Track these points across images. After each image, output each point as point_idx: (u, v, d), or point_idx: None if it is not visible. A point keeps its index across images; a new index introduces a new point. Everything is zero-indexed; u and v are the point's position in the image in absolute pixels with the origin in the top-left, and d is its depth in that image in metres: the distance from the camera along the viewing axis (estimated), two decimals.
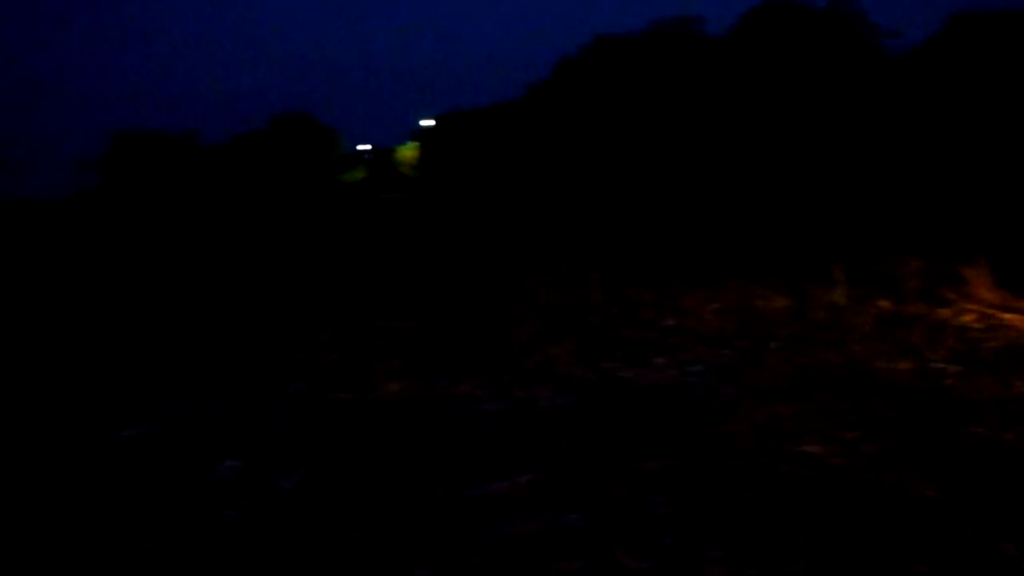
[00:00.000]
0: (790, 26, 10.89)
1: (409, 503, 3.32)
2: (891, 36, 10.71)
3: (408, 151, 36.26)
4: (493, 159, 18.14)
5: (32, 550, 3.01)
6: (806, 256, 8.25)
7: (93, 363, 5.81)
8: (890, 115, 9.22)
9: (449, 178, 22.92)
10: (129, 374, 5.51)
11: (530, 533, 3.06)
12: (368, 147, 44.44)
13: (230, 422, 4.42)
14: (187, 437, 4.20)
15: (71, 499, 3.46)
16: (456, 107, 24.99)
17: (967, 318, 6.49)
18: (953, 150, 8.48)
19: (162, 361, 5.84)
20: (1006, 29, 8.77)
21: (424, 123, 32.08)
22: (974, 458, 3.65)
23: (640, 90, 12.11)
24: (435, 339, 6.31)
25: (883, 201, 8.73)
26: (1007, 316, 6.50)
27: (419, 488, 3.44)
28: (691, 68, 11.82)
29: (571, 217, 12.76)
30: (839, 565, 2.78)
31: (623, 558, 2.86)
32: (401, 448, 3.94)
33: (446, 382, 5.13)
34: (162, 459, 3.91)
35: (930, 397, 4.50)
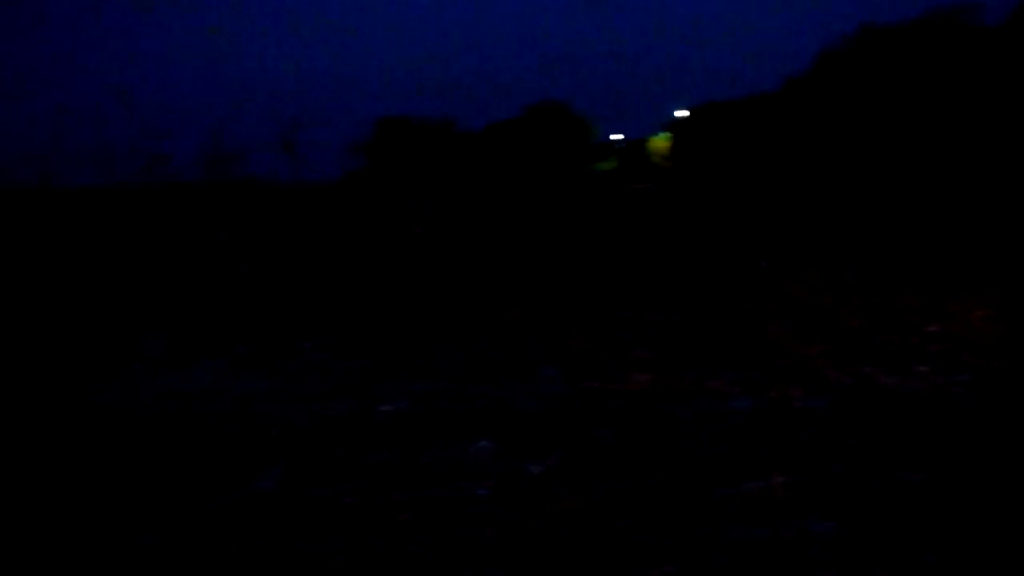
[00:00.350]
0: None
1: (658, 497, 3.30)
2: None
3: (660, 142, 36.07)
4: (747, 152, 17.79)
5: (294, 516, 3.18)
6: None
7: (347, 336, 6.10)
8: None
9: (702, 170, 22.64)
10: (386, 350, 5.75)
11: (781, 538, 2.99)
12: (619, 137, 44.50)
13: (483, 403, 4.54)
14: (443, 415, 4.35)
15: (330, 470, 3.64)
16: (710, 98, 24.68)
17: None
18: None
19: (419, 338, 6.06)
20: None
21: (678, 114, 31.84)
22: None
23: (909, 83, 11.57)
24: (685, 332, 6.26)
25: None
26: None
27: (669, 483, 3.42)
28: (966, 58, 11.20)
29: (828, 214, 12.36)
30: None
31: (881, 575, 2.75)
32: (651, 441, 3.93)
33: (696, 377, 5.07)
34: (418, 435, 4.06)
35: None
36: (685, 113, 29.80)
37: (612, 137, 44.18)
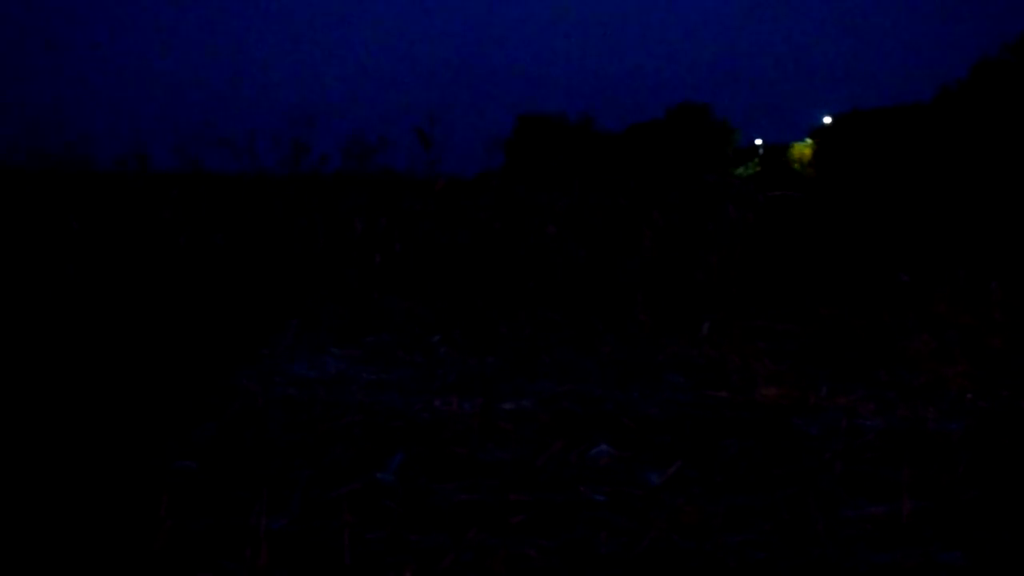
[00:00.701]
0: None
1: (779, 514, 3.22)
2: None
3: (803, 148, 35.38)
4: (894, 162, 17.29)
5: (409, 512, 3.20)
6: None
7: (474, 332, 6.13)
8: None
9: (845, 179, 22.12)
10: (512, 348, 5.77)
11: (905, 566, 2.88)
12: (760, 142, 43.83)
13: (606, 407, 4.51)
14: (564, 417, 4.33)
15: (448, 466, 3.65)
16: (856, 105, 24.10)
17: None
18: None
19: (544, 337, 6.06)
20: None
21: (824, 120, 31.18)
22: None
23: None
24: (817, 345, 6.11)
25: None
26: None
27: (791, 500, 3.34)
28: None
29: (975, 228, 11.92)
30: None
31: None
32: (775, 455, 3.84)
33: (825, 392, 4.94)
34: (538, 436, 4.05)
35: None
36: (829, 120, 29.15)
37: (755, 142, 43.55)
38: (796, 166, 34.08)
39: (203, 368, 5.12)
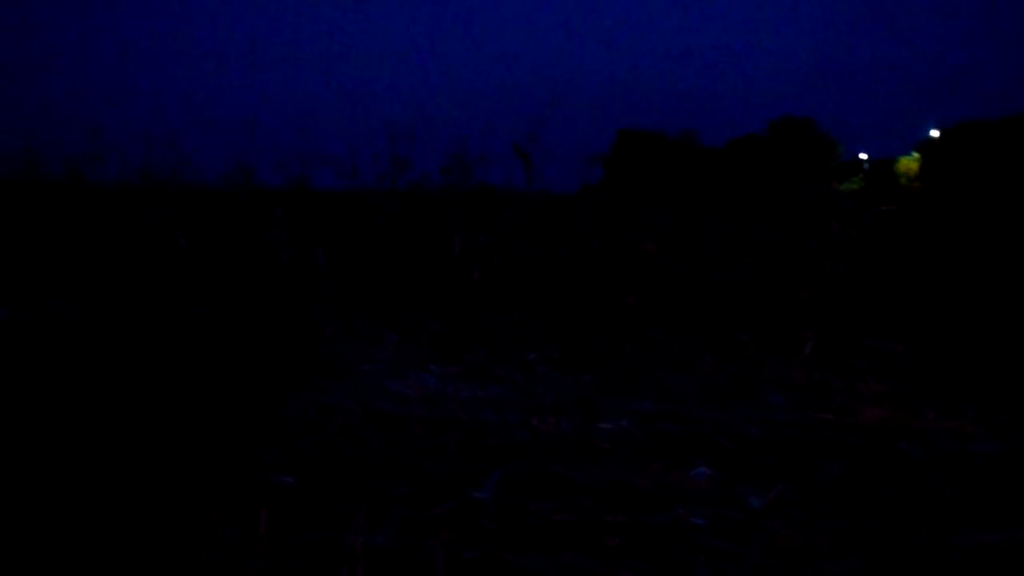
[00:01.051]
0: None
1: (883, 541, 3.13)
2: None
3: (909, 162, 34.61)
4: (1006, 174, 16.81)
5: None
6: None
7: (572, 350, 6.10)
8: None
9: (955, 194, 21.57)
10: (611, 367, 5.72)
11: None
12: (864, 156, 42.99)
13: (705, 428, 4.43)
14: (662, 437, 4.27)
15: (544, 485, 3.63)
16: (964, 118, 23.51)
17: None
18: None
19: (642, 357, 6.01)
20: None
21: (931, 133, 30.48)
22: None
23: None
24: (924, 366, 5.94)
25: None
26: None
27: (896, 526, 3.24)
28: None
29: None
30: None
31: None
32: (881, 479, 3.73)
33: (934, 415, 4.79)
34: (636, 456, 4.00)
35: None
36: (937, 133, 28.46)
37: (860, 156, 42.73)
38: (902, 180, 33.32)
39: (302, 383, 5.18)
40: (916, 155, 33.70)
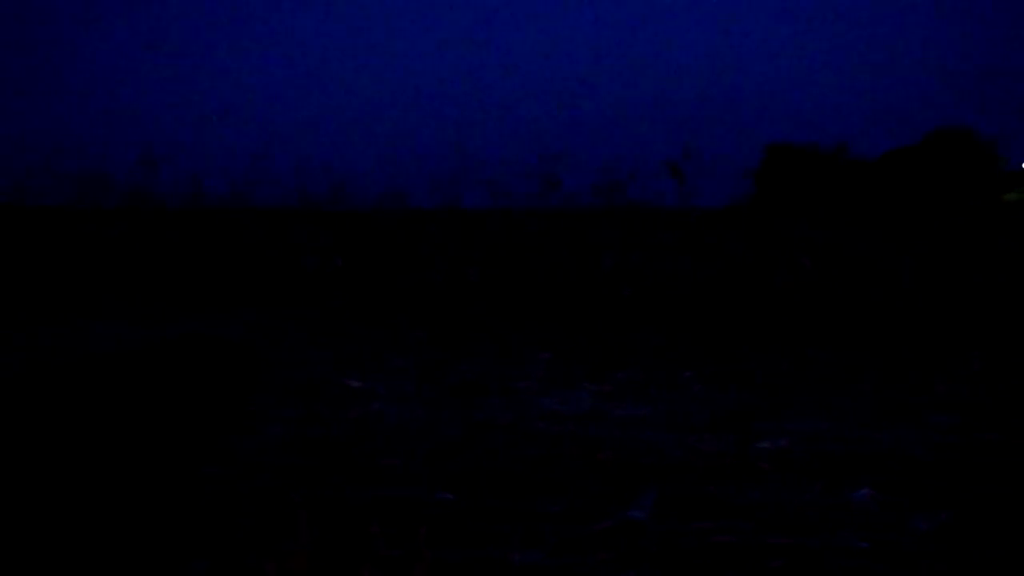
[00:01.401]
0: None
1: None
2: None
3: None
4: None
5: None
6: None
7: (727, 369, 6.01)
8: None
9: None
10: (768, 385, 5.63)
11: None
12: None
13: (868, 448, 4.32)
14: (823, 457, 4.17)
15: (702, 506, 3.58)
16: None
17: None
18: None
19: (799, 375, 5.89)
20: None
21: None
22: None
23: None
24: None
25: None
26: None
27: None
28: None
29: None
30: None
31: None
32: None
33: None
34: (796, 477, 3.92)
35: None
36: None
37: None
38: None
39: (459, 402, 5.25)
40: None
